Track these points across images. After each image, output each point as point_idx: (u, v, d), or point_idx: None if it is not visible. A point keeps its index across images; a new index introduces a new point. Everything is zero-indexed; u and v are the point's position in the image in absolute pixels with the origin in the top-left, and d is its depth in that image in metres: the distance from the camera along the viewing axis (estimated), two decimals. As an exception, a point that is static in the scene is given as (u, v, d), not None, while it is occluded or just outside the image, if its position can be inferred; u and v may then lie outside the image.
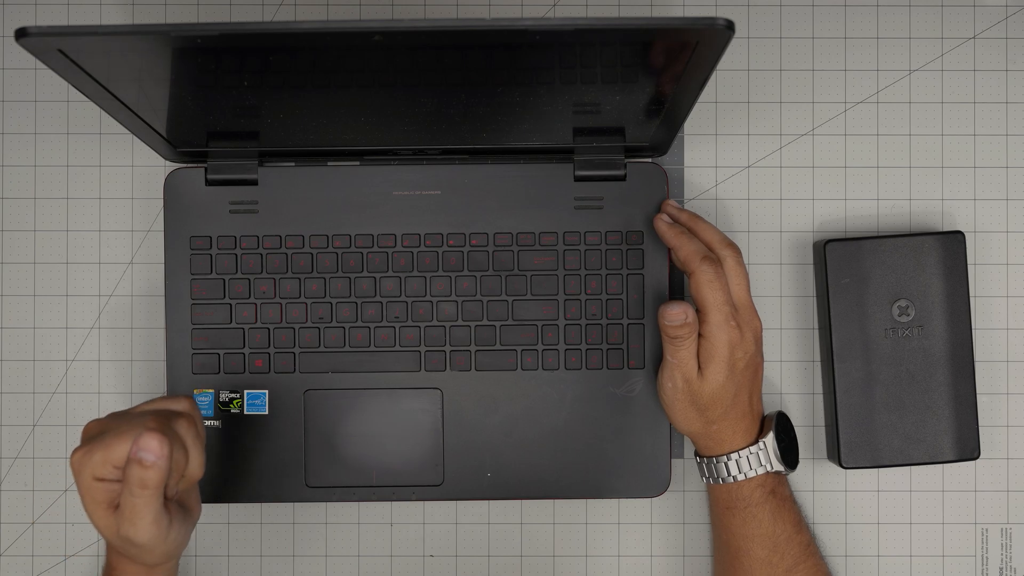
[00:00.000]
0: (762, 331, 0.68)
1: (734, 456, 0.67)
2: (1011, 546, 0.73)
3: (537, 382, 0.71)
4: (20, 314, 0.74)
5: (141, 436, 0.54)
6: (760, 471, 0.66)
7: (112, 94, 0.59)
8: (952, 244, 0.70)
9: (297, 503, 0.73)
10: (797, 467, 0.68)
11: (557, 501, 0.73)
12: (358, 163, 0.72)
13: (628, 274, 0.71)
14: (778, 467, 0.67)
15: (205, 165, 0.71)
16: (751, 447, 0.67)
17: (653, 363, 0.71)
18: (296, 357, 0.71)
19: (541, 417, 0.71)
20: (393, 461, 0.71)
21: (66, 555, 0.73)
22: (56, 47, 0.52)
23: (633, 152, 0.71)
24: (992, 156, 0.74)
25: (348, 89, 0.62)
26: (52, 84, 0.74)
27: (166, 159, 0.72)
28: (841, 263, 0.70)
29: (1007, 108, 0.74)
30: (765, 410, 0.71)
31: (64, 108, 0.74)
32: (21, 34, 0.50)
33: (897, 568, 0.73)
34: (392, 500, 0.71)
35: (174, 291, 0.71)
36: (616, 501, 0.73)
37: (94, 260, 0.74)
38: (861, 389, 0.70)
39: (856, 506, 0.74)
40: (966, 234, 0.71)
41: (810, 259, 0.74)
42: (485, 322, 0.71)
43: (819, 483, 0.74)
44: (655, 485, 0.71)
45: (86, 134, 0.74)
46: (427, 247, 0.71)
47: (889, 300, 0.70)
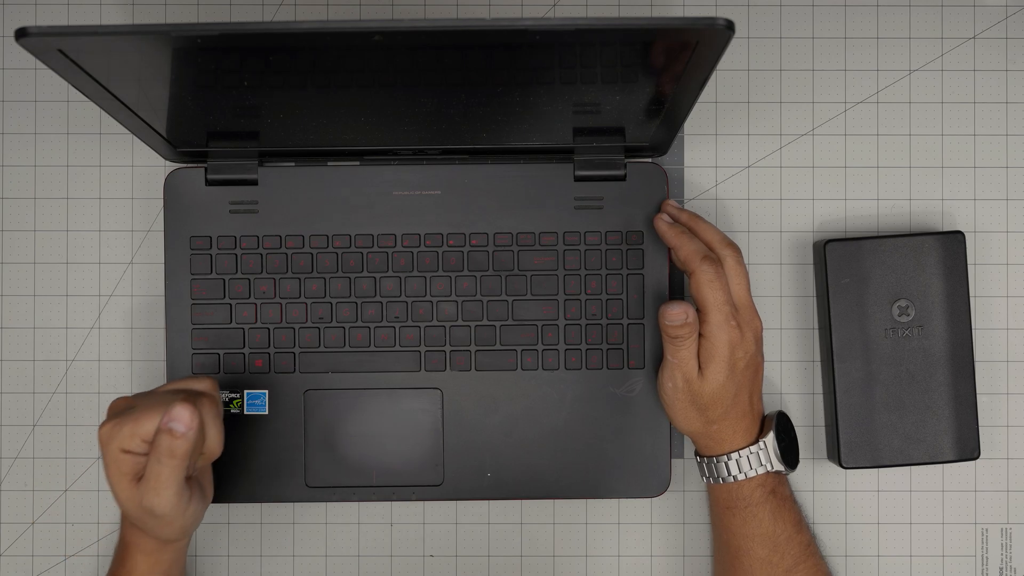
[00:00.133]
0: (762, 331, 0.67)
1: (734, 456, 0.67)
2: (1011, 546, 0.73)
3: (537, 382, 0.71)
4: (20, 314, 0.74)
5: (173, 407, 0.57)
6: (760, 471, 0.66)
7: (112, 94, 0.59)
8: (952, 244, 0.70)
9: (297, 503, 0.73)
10: (797, 467, 0.68)
11: (557, 501, 0.73)
12: (358, 163, 0.72)
13: (628, 274, 0.71)
14: (778, 467, 0.67)
15: (205, 165, 0.71)
16: (751, 447, 0.67)
17: (653, 363, 0.71)
18: (296, 357, 0.71)
19: (541, 417, 0.71)
20: (393, 461, 0.71)
21: (66, 555, 0.73)
22: (56, 47, 0.52)
23: (633, 152, 0.71)
24: (992, 156, 0.74)
25: (348, 89, 0.62)
26: (52, 84, 0.74)
27: (166, 159, 0.72)
28: (841, 263, 0.70)
29: (1007, 108, 0.74)
30: (765, 410, 0.71)
31: (64, 108, 0.74)
32: (21, 34, 0.50)
33: (897, 568, 0.73)
34: (392, 500, 0.71)
35: (174, 291, 0.71)
36: (616, 501, 0.73)
37: (94, 260, 0.74)
38: (861, 389, 0.70)
39: (856, 506, 0.74)
40: (966, 234, 0.71)
41: (810, 259, 0.74)
42: (485, 322, 0.71)
43: (819, 483, 0.74)
44: (655, 485, 0.71)
45: (86, 134, 0.74)
46: (427, 247, 0.71)
47: (889, 300, 0.70)
